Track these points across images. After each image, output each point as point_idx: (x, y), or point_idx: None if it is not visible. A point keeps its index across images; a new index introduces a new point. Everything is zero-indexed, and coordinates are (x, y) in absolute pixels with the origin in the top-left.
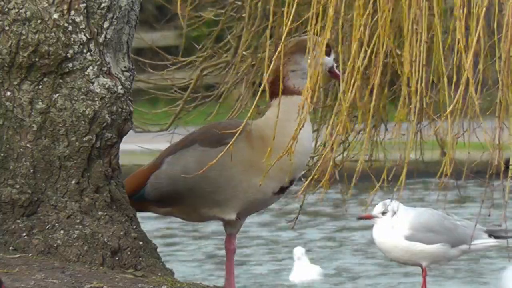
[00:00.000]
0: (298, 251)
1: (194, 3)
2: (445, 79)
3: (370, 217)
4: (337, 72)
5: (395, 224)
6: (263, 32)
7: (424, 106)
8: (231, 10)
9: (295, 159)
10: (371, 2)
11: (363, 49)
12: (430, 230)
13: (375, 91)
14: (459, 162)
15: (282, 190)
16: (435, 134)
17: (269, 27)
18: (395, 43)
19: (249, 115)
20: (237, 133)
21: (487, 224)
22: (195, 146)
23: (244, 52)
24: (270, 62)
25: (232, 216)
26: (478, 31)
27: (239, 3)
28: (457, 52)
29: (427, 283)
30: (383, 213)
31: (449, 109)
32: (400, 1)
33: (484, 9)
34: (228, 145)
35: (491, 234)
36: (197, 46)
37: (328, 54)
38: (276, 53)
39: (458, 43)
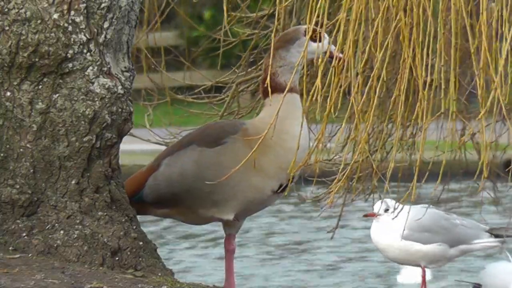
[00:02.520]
0: None
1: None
2: (482, 82)
3: (374, 215)
4: (336, 54)
5: (392, 223)
6: None
7: (454, 110)
8: (263, 28)
9: (292, 156)
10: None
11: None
12: (426, 229)
13: (402, 97)
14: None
15: (281, 189)
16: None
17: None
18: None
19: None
20: (234, 133)
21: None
22: (192, 147)
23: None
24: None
25: (230, 216)
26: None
27: (271, 24)
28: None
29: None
30: (386, 210)
31: (482, 113)
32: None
33: None
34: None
35: (493, 233)
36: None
37: (318, 40)
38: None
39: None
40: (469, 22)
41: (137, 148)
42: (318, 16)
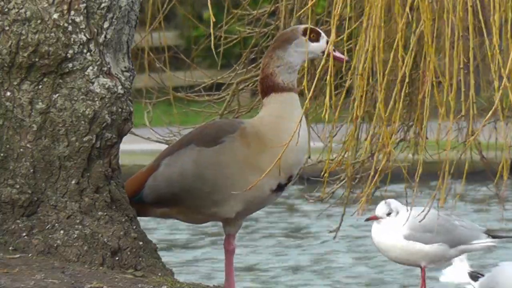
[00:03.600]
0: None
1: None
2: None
3: (376, 218)
4: (334, 53)
5: (394, 223)
6: None
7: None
8: (263, 26)
9: (292, 155)
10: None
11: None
12: (428, 230)
13: (420, 98)
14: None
15: (280, 188)
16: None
17: None
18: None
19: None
20: (232, 132)
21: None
22: (191, 147)
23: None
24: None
25: (231, 215)
26: None
27: (272, 21)
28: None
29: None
30: (388, 213)
31: (490, 112)
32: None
33: None
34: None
35: (490, 234)
36: (194, 46)
37: (316, 40)
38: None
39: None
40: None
41: (137, 148)
42: (318, 15)
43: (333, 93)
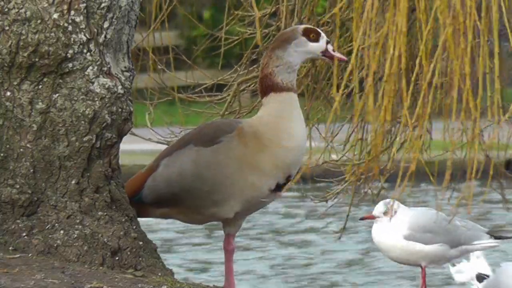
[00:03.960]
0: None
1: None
2: None
3: (372, 217)
4: (334, 53)
5: (394, 223)
6: None
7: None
8: (264, 27)
9: (290, 155)
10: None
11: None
12: (428, 230)
13: (431, 98)
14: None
15: (278, 187)
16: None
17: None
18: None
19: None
20: (230, 132)
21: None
22: (189, 147)
23: None
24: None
25: (230, 215)
26: None
27: (273, 22)
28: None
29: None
30: (385, 213)
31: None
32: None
33: None
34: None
35: (492, 234)
36: (194, 47)
37: (316, 40)
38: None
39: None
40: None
41: (137, 148)
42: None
43: (337, 93)
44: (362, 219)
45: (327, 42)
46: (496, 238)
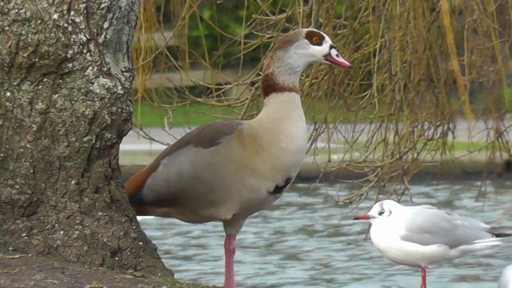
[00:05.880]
0: None
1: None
2: None
3: (367, 218)
4: (336, 58)
5: (391, 224)
6: None
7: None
8: (282, 30)
9: (288, 157)
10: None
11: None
12: (426, 231)
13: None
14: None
15: (278, 190)
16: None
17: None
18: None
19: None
20: (229, 133)
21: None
22: (189, 147)
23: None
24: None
25: (228, 216)
26: None
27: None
28: None
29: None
30: (380, 213)
31: None
32: None
33: None
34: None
35: (494, 232)
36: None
37: (319, 43)
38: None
39: None
40: None
41: (138, 148)
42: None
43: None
44: (356, 218)
45: (331, 47)
46: (497, 236)
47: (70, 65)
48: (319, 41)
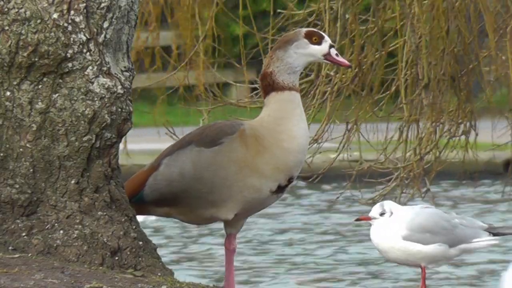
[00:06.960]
0: None
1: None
2: None
3: (368, 219)
4: (336, 58)
5: (392, 224)
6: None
7: None
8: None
9: (290, 157)
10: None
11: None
12: (427, 230)
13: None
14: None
15: (280, 189)
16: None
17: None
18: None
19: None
20: (231, 134)
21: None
22: (191, 147)
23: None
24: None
25: (229, 216)
26: None
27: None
28: None
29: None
30: (381, 214)
31: None
32: None
33: None
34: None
35: (492, 232)
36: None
37: (318, 43)
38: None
39: None
40: None
41: (138, 148)
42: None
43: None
44: (357, 220)
45: (331, 46)
46: (494, 235)
47: (70, 64)
48: (319, 41)
